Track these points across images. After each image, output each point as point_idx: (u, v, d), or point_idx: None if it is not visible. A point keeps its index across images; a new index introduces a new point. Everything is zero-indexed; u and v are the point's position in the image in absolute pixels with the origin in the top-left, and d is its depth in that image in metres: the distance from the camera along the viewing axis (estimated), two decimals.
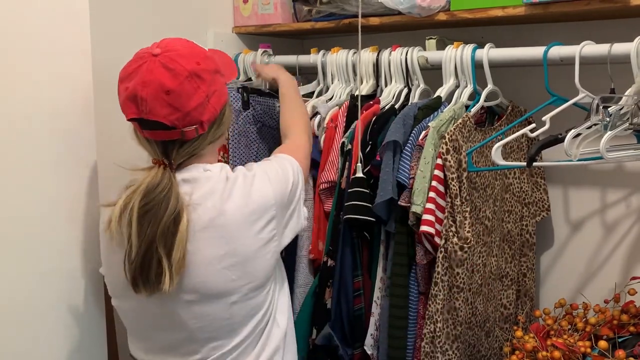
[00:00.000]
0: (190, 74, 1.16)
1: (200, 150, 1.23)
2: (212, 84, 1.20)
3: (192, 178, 1.22)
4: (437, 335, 1.49)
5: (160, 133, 1.18)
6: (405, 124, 1.54)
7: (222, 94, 1.24)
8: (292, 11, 1.95)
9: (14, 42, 1.26)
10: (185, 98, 1.16)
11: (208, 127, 1.21)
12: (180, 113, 1.16)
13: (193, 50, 1.22)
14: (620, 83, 1.69)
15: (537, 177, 1.73)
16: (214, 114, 1.21)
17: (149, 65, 1.16)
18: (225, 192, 1.21)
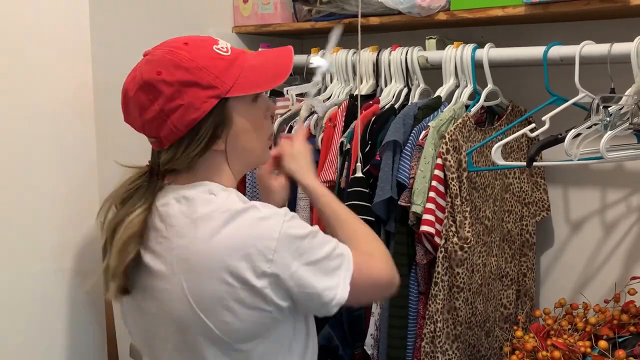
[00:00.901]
0: (144, 83, 1.06)
1: (183, 163, 1.10)
2: (174, 98, 1.05)
3: (192, 197, 1.10)
4: (437, 335, 1.49)
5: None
6: (405, 124, 1.54)
7: (194, 110, 1.06)
8: (292, 11, 1.95)
9: (13, 42, 1.26)
10: (139, 108, 1.08)
11: (172, 145, 1.09)
12: (139, 122, 1.09)
13: (168, 55, 1.07)
14: (620, 83, 1.69)
15: (537, 177, 1.73)
16: (174, 131, 1.07)
17: (138, 62, 1.11)
18: (223, 222, 1.05)
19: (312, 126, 1.69)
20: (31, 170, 1.30)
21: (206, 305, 1.04)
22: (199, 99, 1.06)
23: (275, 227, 1.04)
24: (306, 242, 1.07)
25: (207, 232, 1.04)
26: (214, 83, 1.07)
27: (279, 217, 1.06)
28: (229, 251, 1.03)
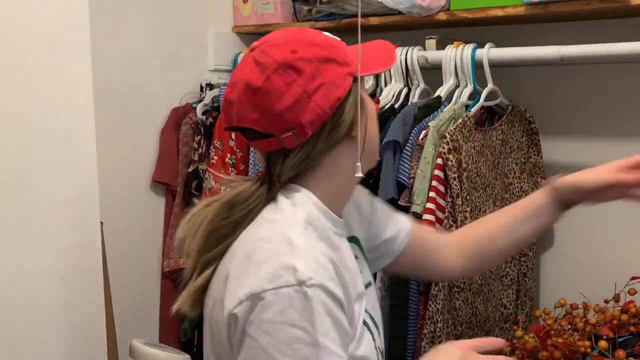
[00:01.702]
0: (279, 65, 0.93)
1: (313, 161, 0.98)
2: (315, 76, 0.94)
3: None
4: (438, 336, 1.49)
5: (259, 143, 0.97)
6: (405, 124, 1.54)
7: (334, 88, 0.95)
8: (292, 11, 1.95)
9: (13, 42, 1.26)
10: (274, 96, 0.93)
11: (314, 132, 0.95)
12: (271, 116, 0.94)
13: (295, 36, 0.98)
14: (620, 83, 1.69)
15: (537, 177, 1.73)
16: (319, 114, 0.94)
17: (242, 62, 0.99)
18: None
19: None
20: (31, 171, 1.30)
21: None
22: (338, 76, 0.96)
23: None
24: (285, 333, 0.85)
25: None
26: (347, 60, 0.98)
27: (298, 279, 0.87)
28: None
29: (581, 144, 1.75)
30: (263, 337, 0.86)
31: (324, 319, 0.86)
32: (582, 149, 1.75)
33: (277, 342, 0.85)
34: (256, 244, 0.93)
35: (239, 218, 0.97)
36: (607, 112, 1.71)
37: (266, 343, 0.85)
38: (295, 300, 0.85)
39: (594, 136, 1.73)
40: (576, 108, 1.75)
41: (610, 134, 1.70)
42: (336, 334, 0.88)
